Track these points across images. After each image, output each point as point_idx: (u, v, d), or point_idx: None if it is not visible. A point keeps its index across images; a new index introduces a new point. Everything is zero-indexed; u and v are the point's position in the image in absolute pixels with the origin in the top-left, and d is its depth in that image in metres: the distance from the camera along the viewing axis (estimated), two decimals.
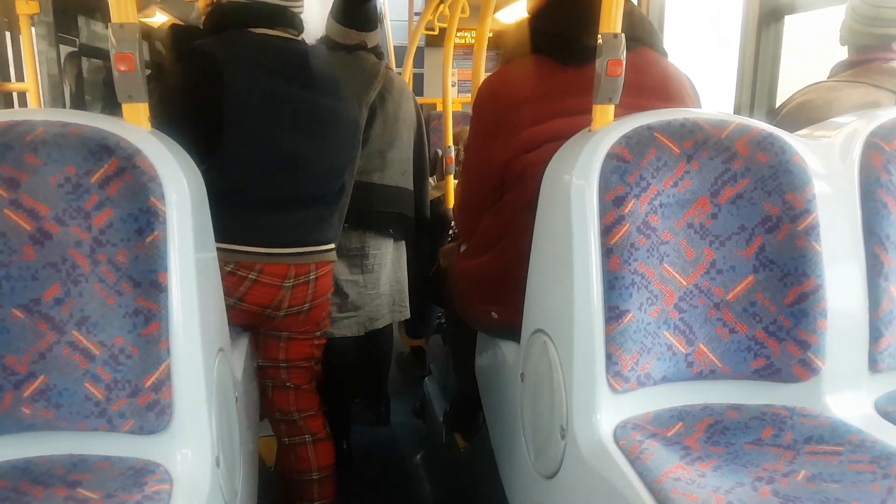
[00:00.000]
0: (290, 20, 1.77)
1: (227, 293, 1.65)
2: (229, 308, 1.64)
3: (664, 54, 1.58)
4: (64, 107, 2.50)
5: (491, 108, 1.56)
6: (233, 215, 1.63)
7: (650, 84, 1.48)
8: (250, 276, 1.71)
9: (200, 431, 1.11)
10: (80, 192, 1.06)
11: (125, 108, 1.14)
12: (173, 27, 1.85)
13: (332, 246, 1.89)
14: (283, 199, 1.74)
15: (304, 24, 1.82)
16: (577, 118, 1.30)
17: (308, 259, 1.79)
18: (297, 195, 1.76)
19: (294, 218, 1.76)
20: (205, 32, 1.74)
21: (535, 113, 1.48)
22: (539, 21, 1.55)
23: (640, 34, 1.52)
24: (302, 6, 1.81)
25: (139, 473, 1.04)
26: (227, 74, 1.62)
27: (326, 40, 2.30)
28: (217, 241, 1.58)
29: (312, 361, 2.00)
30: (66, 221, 1.06)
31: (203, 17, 1.80)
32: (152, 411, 1.07)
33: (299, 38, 1.81)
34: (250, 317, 1.79)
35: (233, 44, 1.68)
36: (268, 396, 1.96)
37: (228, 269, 1.68)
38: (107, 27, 1.13)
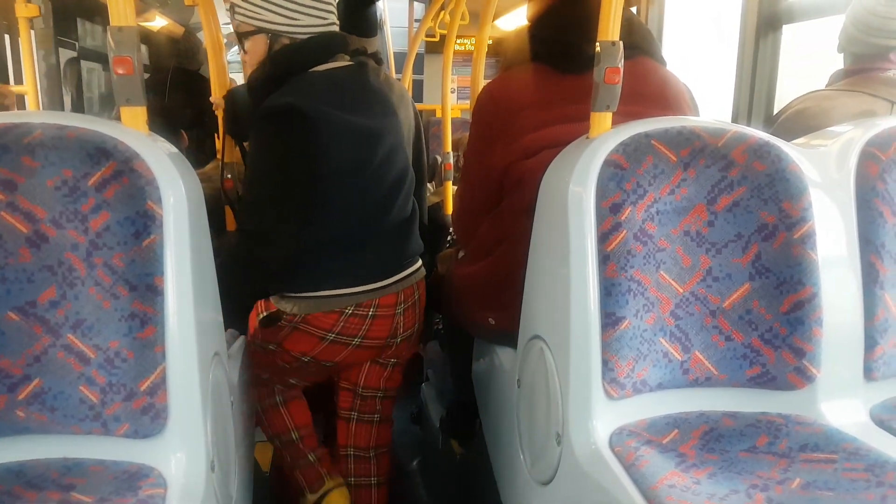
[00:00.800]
0: (341, 44, 1.71)
1: (350, 334, 1.72)
2: (354, 348, 1.74)
3: (663, 63, 1.59)
4: (62, 110, 2.50)
5: (491, 114, 1.56)
6: (344, 260, 1.67)
7: (648, 92, 1.49)
8: (370, 312, 1.72)
9: (195, 436, 1.11)
10: (77, 194, 1.06)
11: (123, 111, 1.14)
12: (233, 91, 1.84)
13: (420, 261, 1.89)
14: (383, 230, 1.72)
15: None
16: (575, 125, 1.30)
17: (410, 281, 1.80)
18: (392, 222, 1.74)
19: (394, 245, 1.76)
20: (268, 82, 1.62)
21: (535, 119, 1.48)
22: (538, 28, 1.56)
23: (639, 42, 1.52)
24: (335, 19, 1.71)
25: (133, 477, 1.04)
26: (321, 128, 1.55)
27: None
28: (332, 287, 1.68)
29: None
30: (63, 224, 1.06)
31: (249, 71, 1.70)
32: (147, 415, 1.07)
33: (351, 62, 1.74)
34: (372, 352, 1.80)
35: (311, 92, 1.59)
36: (346, 429, 1.93)
37: (349, 311, 1.69)
38: (105, 30, 1.13)
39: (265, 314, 1.76)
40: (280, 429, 1.92)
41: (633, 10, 2.05)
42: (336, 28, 1.69)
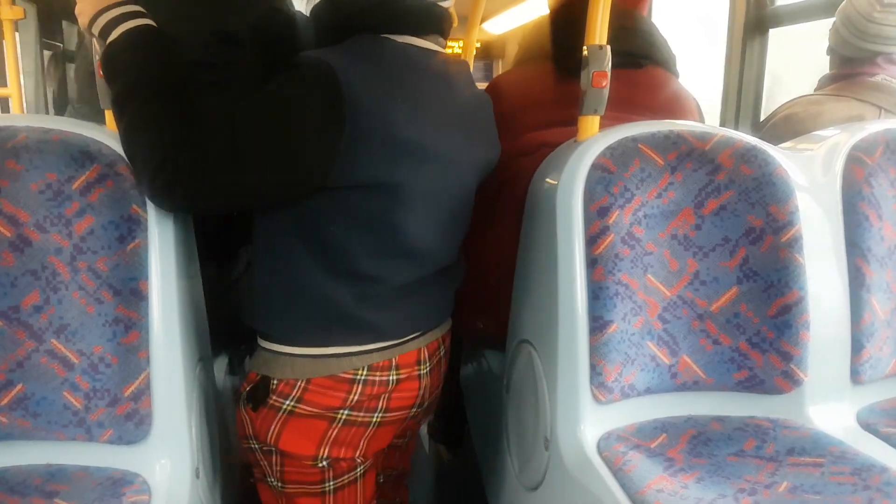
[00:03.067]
0: (438, 22, 1.19)
1: (368, 409, 1.22)
2: (376, 429, 1.24)
3: (676, 75, 1.58)
4: (47, 112, 2.48)
5: (496, 108, 1.56)
6: (353, 309, 1.16)
7: (655, 104, 1.47)
8: (391, 376, 1.22)
9: (180, 442, 1.10)
10: (61, 198, 1.05)
11: (108, 114, 1.13)
12: (267, 19, 1.35)
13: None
14: (424, 277, 1.24)
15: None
16: (574, 129, 1.30)
17: (435, 335, 1.32)
18: (426, 274, 1.24)
19: (423, 300, 1.27)
20: (328, 29, 1.17)
21: (538, 118, 1.47)
22: (551, 29, 1.54)
23: (652, 52, 1.51)
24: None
25: (117, 484, 1.03)
26: (373, 114, 1.05)
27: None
28: (326, 344, 1.17)
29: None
30: (47, 228, 1.05)
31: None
32: (131, 421, 1.06)
33: (446, 51, 1.25)
34: (393, 429, 1.31)
35: (371, 63, 1.09)
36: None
37: (361, 377, 1.19)
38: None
39: (248, 388, 1.22)
40: None
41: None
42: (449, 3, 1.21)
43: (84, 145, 1.06)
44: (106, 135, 1.10)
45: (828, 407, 1.22)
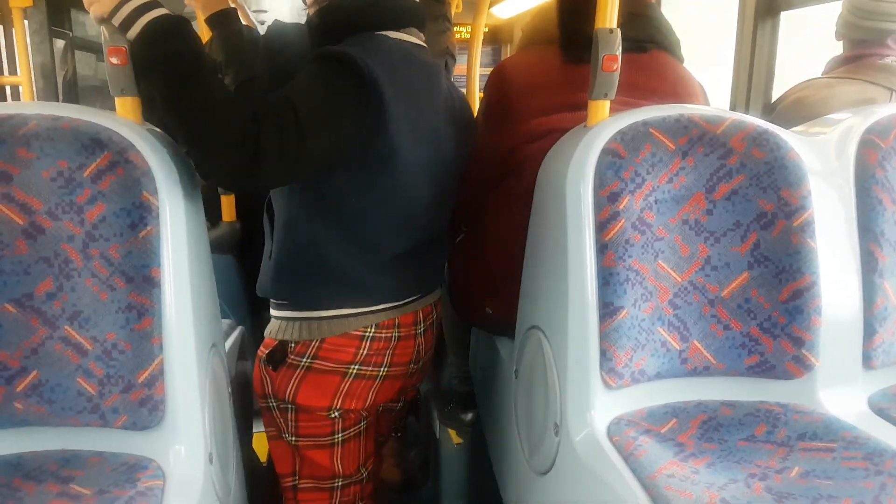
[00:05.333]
0: (419, 17, 1.40)
1: (375, 363, 1.40)
2: (382, 381, 1.43)
3: (680, 59, 1.57)
4: (57, 100, 2.49)
5: (501, 92, 1.55)
6: (364, 274, 1.35)
7: (660, 88, 1.47)
8: (394, 333, 1.42)
9: (193, 427, 1.11)
10: (72, 186, 1.05)
11: (118, 101, 1.13)
12: (278, 26, 1.50)
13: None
14: (412, 246, 1.41)
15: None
16: (582, 113, 1.29)
17: (429, 300, 1.53)
18: (423, 239, 1.44)
19: (421, 264, 1.47)
20: (325, 35, 1.32)
21: (544, 103, 1.47)
22: (559, 12, 1.53)
23: (657, 37, 1.51)
24: None
25: (132, 469, 1.04)
26: (387, 99, 1.23)
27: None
28: (354, 305, 1.35)
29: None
30: (59, 216, 1.06)
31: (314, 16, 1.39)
32: (145, 407, 1.07)
33: (424, 45, 1.44)
34: (397, 384, 1.50)
35: (378, 54, 1.26)
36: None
37: (370, 334, 1.38)
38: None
39: (267, 352, 1.41)
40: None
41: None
42: None
43: (95, 133, 1.06)
44: (116, 122, 1.10)
45: (839, 392, 1.22)
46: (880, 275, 1.23)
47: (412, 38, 1.38)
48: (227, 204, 2.03)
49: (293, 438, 1.44)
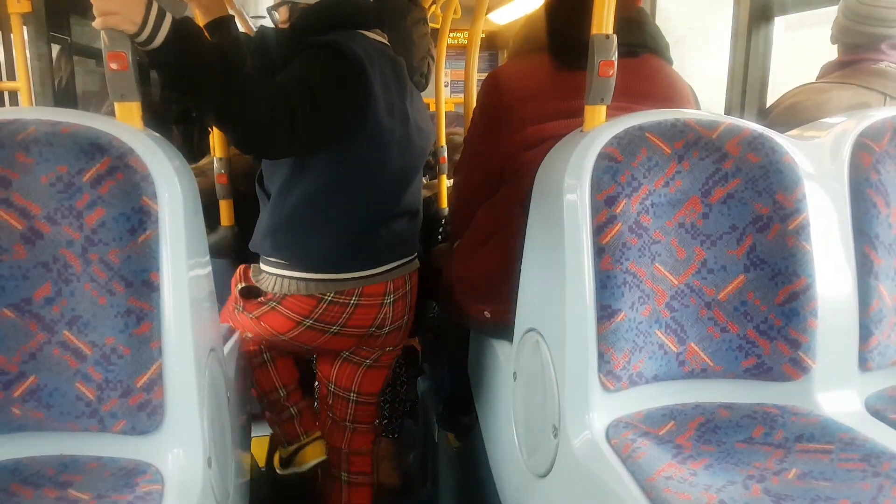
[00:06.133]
0: (384, 20, 1.68)
1: (330, 322, 1.64)
2: (332, 336, 1.67)
3: (669, 62, 1.59)
4: (55, 105, 2.49)
5: (495, 101, 1.56)
6: (330, 242, 1.59)
7: (653, 91, 1.48)
8: (351, 301, 1.65)
9: (192, 432, 1.11)
10: (71, 190, 1.06)
11: (118, 106, 1.13)
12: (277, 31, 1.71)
13: (416, 254, 1.84)
14: (384, 218, 1.66)
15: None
16: (578, 120, 1.30)
17: (402, 271, 1.73)
18: (395, 213, 1.69)
19: (390, 236, 1.69)
20: (310, 32, 1.57)
21: (538, 111, 1.48)
22: (550, 19, 1.55)
23: (647, 41, 1.52)
24: None
25: (130, 474, 1.04)
26: (367, 75, 1.51)
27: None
28: (309, 270, 1.59)
29: (379, 397, 1.92)
30: (58, 220, 1.06)
31: (288, 20, 1.64)
32: (144, 411, 1.07)
33: (388, 42, 1.72)
34: (353, 340, 1.74)
35: (358, 45, 1.53)
36: (325, 426, 1.92)
37: (329, 298, 1.62)
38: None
39: (243, 285, 1.72)
40: (268, 387, 1.87)
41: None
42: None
43: (94, 137, 1.06)
44: (116, 127, 1.10)
45: (836, 394, 1.23)
46: (875, 277, 1.24)
47: (378, 37, 1.66)
48: (226, 208, 2.03)
49: (255, 320, 1.71)
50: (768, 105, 2.03)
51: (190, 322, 1.11)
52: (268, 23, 1.83)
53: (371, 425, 1.94)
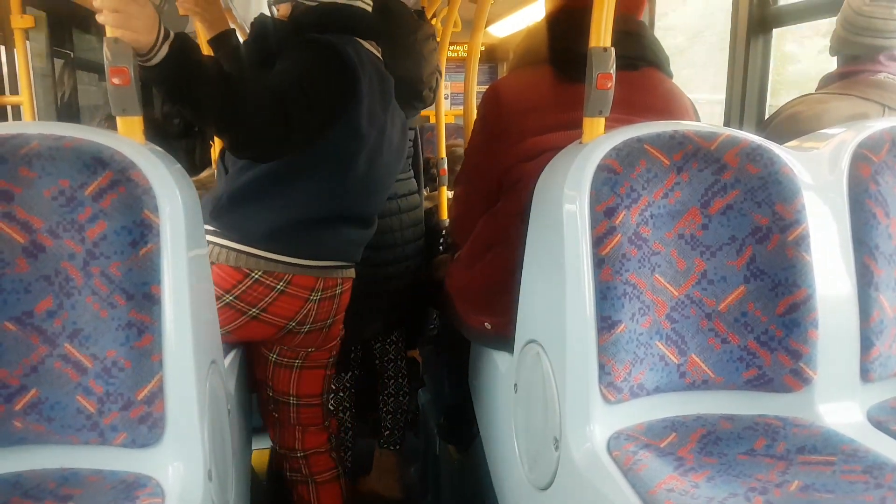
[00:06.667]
0: (378, 33, 1.73)
1: (250, 303, 1.60)
2: (250, 319, 1.62)
3: (669, 75, 1.60)
4: (57, 119, 2.51)
5: (495, 112, 1.57)
6: (272, 219, 1.59)
7: (653, 104, 1.49)
8: (278, 286, 1.62)
9: (192, 444, 1.11)
10: (73, 204, 1.06)
11: (119, 121, 1.14)
12: (263, 20, 1.74)
13: (354, 263, 1.83)
14: (338, 217, 1.68)
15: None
16: (578, 132, 1.31)
17: (337, 273, 1.72)
18: (349, 215, 1.71)
19: (338, 235, 1.70)
20: (312, 29, 1.61)
21: (539, 123, 1.48)
22: (550, 32, 1.56)
23: (647, 54, 1.53)
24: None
25: (131, 487, 1.04)
26: (358, 75, 1.56)
27: None
28: (243, 242, 1.58)
29: (324, 398, 1.89)
30: (60, 234, 1.06)
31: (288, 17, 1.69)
32: (144, 424, 1.07)
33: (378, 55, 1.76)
34: (270, 330, 1.69)
35: (353, 49, 1.59)
36: (275, 429, 1.89)
37: (256, 276, 1.59)
38: (101, 41, 1.13)
39: None
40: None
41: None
42: (363, 7, 1.70)
43: (96, 152, 1.07)
44: (118, 141, 1.11)
45: (838, 405, 1.22)
46: (876, 288, 1.24)
47: (373, 49, 1.71)
48: None
49: None
50: (767, 116, 2.04)
51: (191, 335, 1.11)
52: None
53: (322, 425, 1.90)
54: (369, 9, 1.71)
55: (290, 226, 1.60)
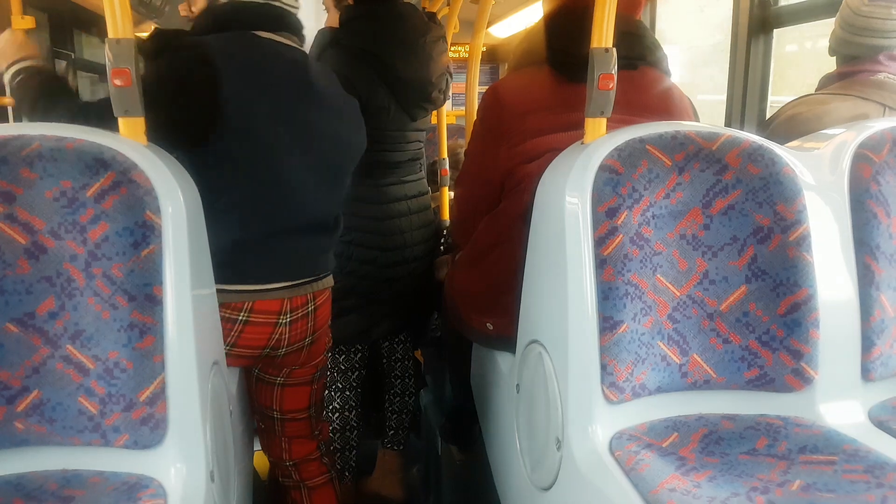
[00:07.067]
0: (295, 26, 1.60)
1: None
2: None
3: (667, 74, 1.60)
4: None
5: (495, 113, 1.57)
6: (217, 247, 1.38)
7: (650, 103, 1.50)
8: (240, 317, 1.51)
9: (195, 446, 1.11)
10: (75, 205, 1.06)
11: (121, 122, 1.14)
12: (159, 31, 1.60)
13: (329, 272, 1.72)
14: (279, 229, 1.54)
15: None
16: (578, 132, 1.31)
17: (304, 290, 1.60)
18: (294, 225, 1.56)
19: (290, 249, 1.56)
20: (201, 32, 1.52)
21: (540, 124, 1.49)
22: (548, 33, 1.56)
23: (646, 54, 1.54)
24: (299, 7, 1.63)
25: (133, 488, 1.04)
26: (229, 74, 1.43)
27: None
28: None
29: (311, 410, 1.81)
30: (62, 235, 1.06)
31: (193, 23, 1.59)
32: (146, 425, 1.07)
33: (302, 48, 1.64)
34: (247, 361, 1.62)
35: (236, 43, 1.49)
36: (262, 438, 1.83)
37: None
38: (103, 42, 1.13)
39: None
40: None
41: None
42: (297, 12, 1.60)
43: (98, 153, 1.07)
44: (120, 142, 1.11)
45: (839, 405, 1.22)
46: (877, 288, 1.24)
47: (285, 39, 1.57)
48: None
49: None
50: (768, 117, 2.04)
51: (193, 336, 1.11)
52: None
53: (309, 436, 1.84)
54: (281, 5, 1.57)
55: (231, 250, 1.47)
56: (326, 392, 2.33)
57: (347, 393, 2.38)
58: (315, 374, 1.78)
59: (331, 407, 2.34)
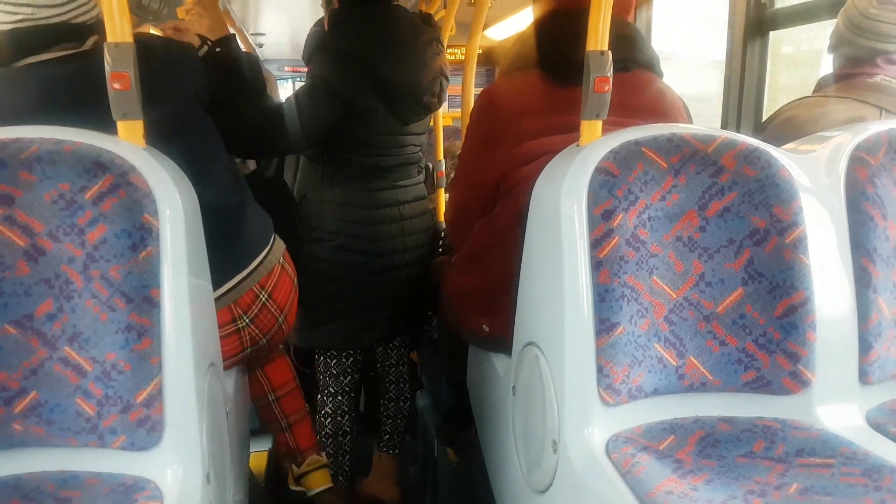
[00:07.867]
0: (67, 34, 1.33)
1: None
2: None
3: (660, 75, 1.60)
4: None
5: (489, 117, 1.57)
6: None
7: (643, 105, 1.50)
8: None
9: (191, 447, 1.11)
10: (74, 208, 1.06)
11: (120, 125, 1.15)
12: None
13: (266, 249, 1.57)
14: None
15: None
16: (573, 135, 1.31)
17: (245, 287, 1.48)
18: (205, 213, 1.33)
19: (216, 245, 1.34)
20: None
21: (534, 127, 1.49)
22: (539, 36, 1.56)
23: (638, 56, 1.54)
24: (82, 9, 1.35)
25: (130, 490, 1.04)
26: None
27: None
28: None
29: (297, 381, 1.91)
30: (60, 237, 1.07)
31: None
32: (143, 427, 1.07)
33: (82, 50, 1.35)
34: (239, 362, 1.67)
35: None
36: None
37: None
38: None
39: None
40: (258, 392, 1.91)
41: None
42: (83, 14, 1.34)
43: (96, 155, 1.07)
44: (119, 145, 1.11)
45: (837, 407, 1.23)
46: (874, 290, 1.24)
47: (56, 54, 1.32)
48: None
49: None
50: (764, 119, 2.04)
51: (190, 338, 1.11)
52: (265, 40, 1.86)
53: (295, 389, 1.93)
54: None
55: None
56: (319, 397, 2.33)
57: (340, 398, 2.37)
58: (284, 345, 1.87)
59: (323, 412, 2.33)
